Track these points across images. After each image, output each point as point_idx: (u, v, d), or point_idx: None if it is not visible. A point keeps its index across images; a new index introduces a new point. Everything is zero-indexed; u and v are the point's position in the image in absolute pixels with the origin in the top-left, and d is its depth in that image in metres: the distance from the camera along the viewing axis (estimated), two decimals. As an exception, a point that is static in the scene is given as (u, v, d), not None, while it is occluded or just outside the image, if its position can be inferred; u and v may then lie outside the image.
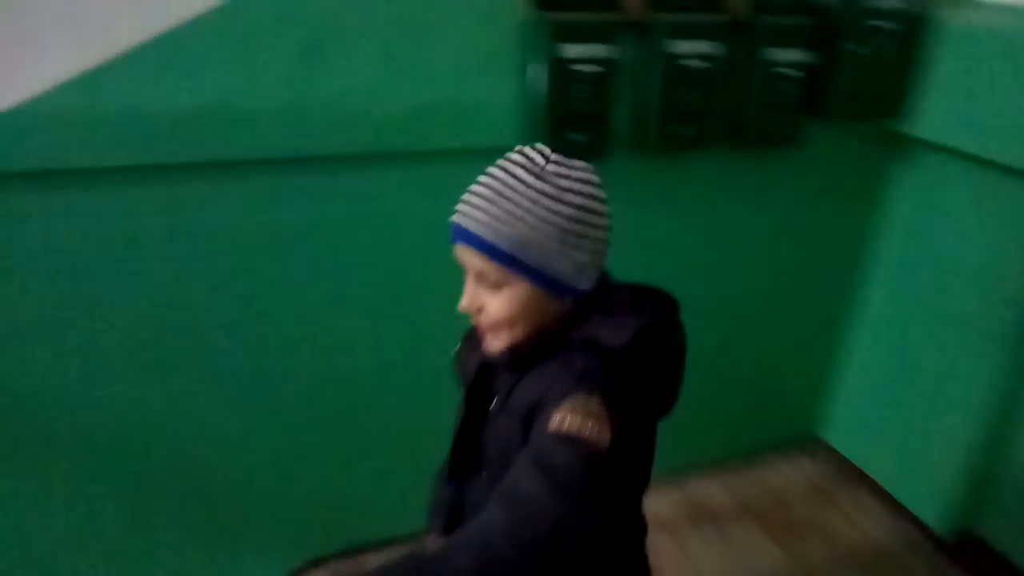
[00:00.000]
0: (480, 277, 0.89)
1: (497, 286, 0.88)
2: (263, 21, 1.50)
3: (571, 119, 1.85)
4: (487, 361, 0.96)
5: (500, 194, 0.85)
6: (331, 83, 1.60)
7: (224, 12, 1.44)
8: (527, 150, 0.90)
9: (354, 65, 1.60)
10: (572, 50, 1.80)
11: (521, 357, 0.92)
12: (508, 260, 0.85)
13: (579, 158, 0.92)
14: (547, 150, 0.90)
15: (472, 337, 1.06)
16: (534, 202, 0.85)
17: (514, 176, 0.86)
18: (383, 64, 1.63)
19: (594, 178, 0.90)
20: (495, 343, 0.93)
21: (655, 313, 0.92)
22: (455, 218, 0.88)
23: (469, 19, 1.72)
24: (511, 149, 0.94)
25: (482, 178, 0.88)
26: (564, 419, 0.82)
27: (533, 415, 0.86)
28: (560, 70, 1.79)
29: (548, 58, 1.77)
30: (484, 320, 0.91)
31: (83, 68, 1.37)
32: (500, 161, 0.89)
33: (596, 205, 0.88)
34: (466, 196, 0.88)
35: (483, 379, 0.98)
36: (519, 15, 1.76)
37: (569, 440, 0.79)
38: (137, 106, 1.42)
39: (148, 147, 1.48)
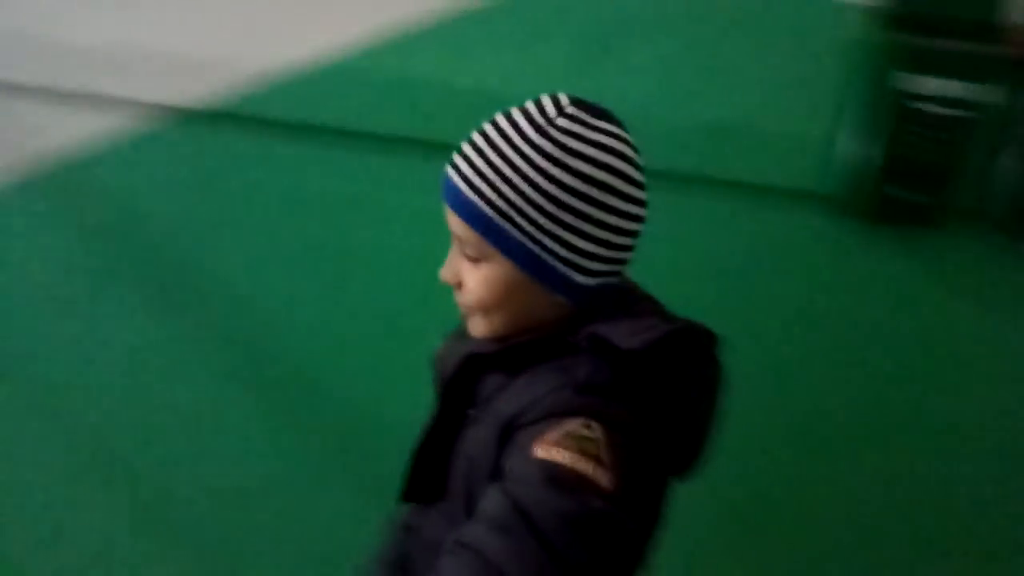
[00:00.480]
0: (461, 245, 0.69)
1: (476, 260, 0.68)
2: (551, 12, 1.35)
3: (904, 170, 1.44)
4: (475, 353, 0.73)
5: (492, 145, 0.65)
6: (611, 84, 1.41)
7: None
8: (545, 97, 0.67)
9: (641, 68, 1.40)
10: (922, 84, 1.40)
11: (512, 353, 0.70)
12: (485, 228, 0.66)
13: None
14: (566, 100, 0.66)
15: (460, 332, 0.79)
16: (528, 161, 0.64)
17: (514, 124, 0.65)
18: (675, 71, 1.40)
19: (619, 145, 0.66)
20: (472, 329, 0.71)
21: (689, 329, 0.67)
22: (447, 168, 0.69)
23: (785, 32, 1.42)
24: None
25: (485, 124, 0.67)
26: (551, 449, 0.59)
27: (511, 431, 0.63)
28: (900, 107, 1.40)
29: (886, 90, 1.39)
30: (461, 299, 0.71)
31: (376, 35, 1.33)
32: (513, 107, 0.68)
33: (614, 180, 0.65)
34: (463, 144, 0.67)
35: (467, 375, 0.75)
36: (852, 33, 1.41)
37: (556, 480, 0.58)
38: (415, 78, 1.34)
39: (413, 121, 1.39)
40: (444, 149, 1.57)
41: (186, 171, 1.35)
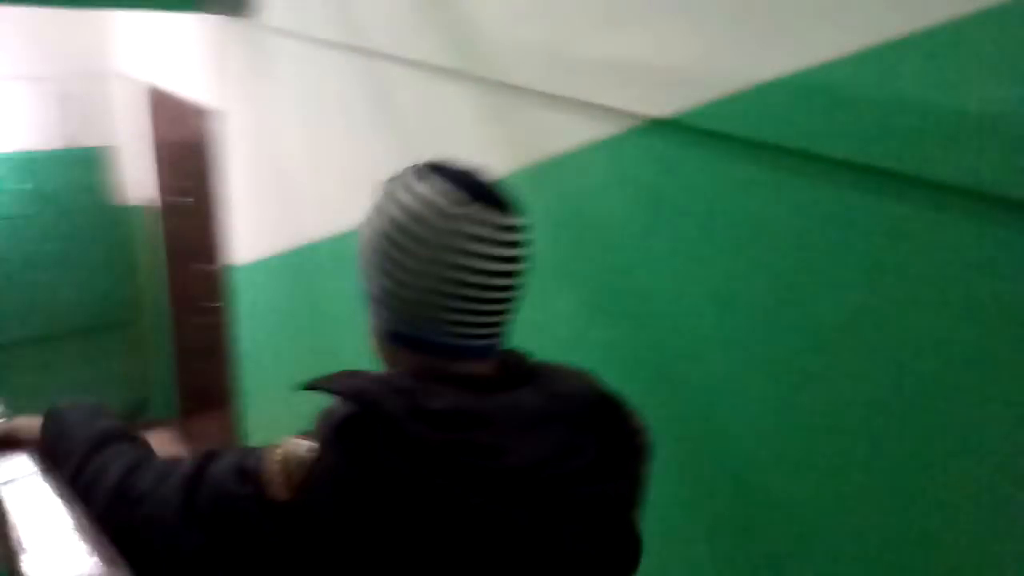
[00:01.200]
0: None
1: None
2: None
3: None
4: None
5: None
6: None
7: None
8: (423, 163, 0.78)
9: None
10: None
11: None
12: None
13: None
14: (432, 163, 0.76)
15: None
16: (371, 209, 0.77)
17: None
18: None
19: (442, 202, 0.71)
20: None
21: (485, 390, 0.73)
22: None
23: None
24: None
25: None
26: (273, 449, 0.69)
27: None
28: None
29: None
30: None
31: (861, 46, 1.16)
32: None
33: (419, 230, 0.70)
34: None
35: None
36: None
37: (240, 470, 0.69)
38: (891, 97, 1.15)
39: (883, 145, 1.19)
40: (905, 182, 1.27)
41: (642, 179, 1.36)
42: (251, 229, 3.13)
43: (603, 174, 1.44)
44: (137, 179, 4.51)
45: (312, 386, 0.71)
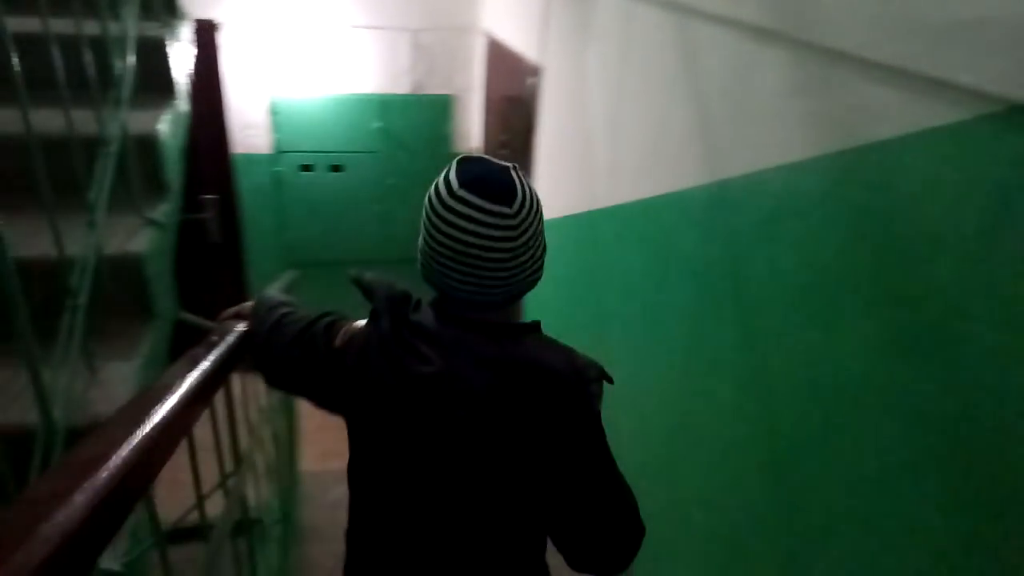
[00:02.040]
0: None
1: None
2: None
3: None
4: None
5: None
6: None
7: None
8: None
9: None
10: None
11: None
12: None
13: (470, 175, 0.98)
14: (468, 156, 1.03)
15: None
16: None
17: None
18: None
19: (451, 186, 0.98)
20: None
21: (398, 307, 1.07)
22: None
23: None
24: None
25: None
26: (351, 322, 1.18)
27: None
28: None
29: None
30: None
31: None
32: None
33: (434, 202, 0.99)
34: None
35: None
36: None
37: (331, 325, 1.18)
38: None
39: None
40: None
41: (988, 181, 1.00)
42: (551, 186, 3.15)
43: (934, 170, 1.11)
44: (470, 127, 4.85)
45: (354, 278, 1.11)
